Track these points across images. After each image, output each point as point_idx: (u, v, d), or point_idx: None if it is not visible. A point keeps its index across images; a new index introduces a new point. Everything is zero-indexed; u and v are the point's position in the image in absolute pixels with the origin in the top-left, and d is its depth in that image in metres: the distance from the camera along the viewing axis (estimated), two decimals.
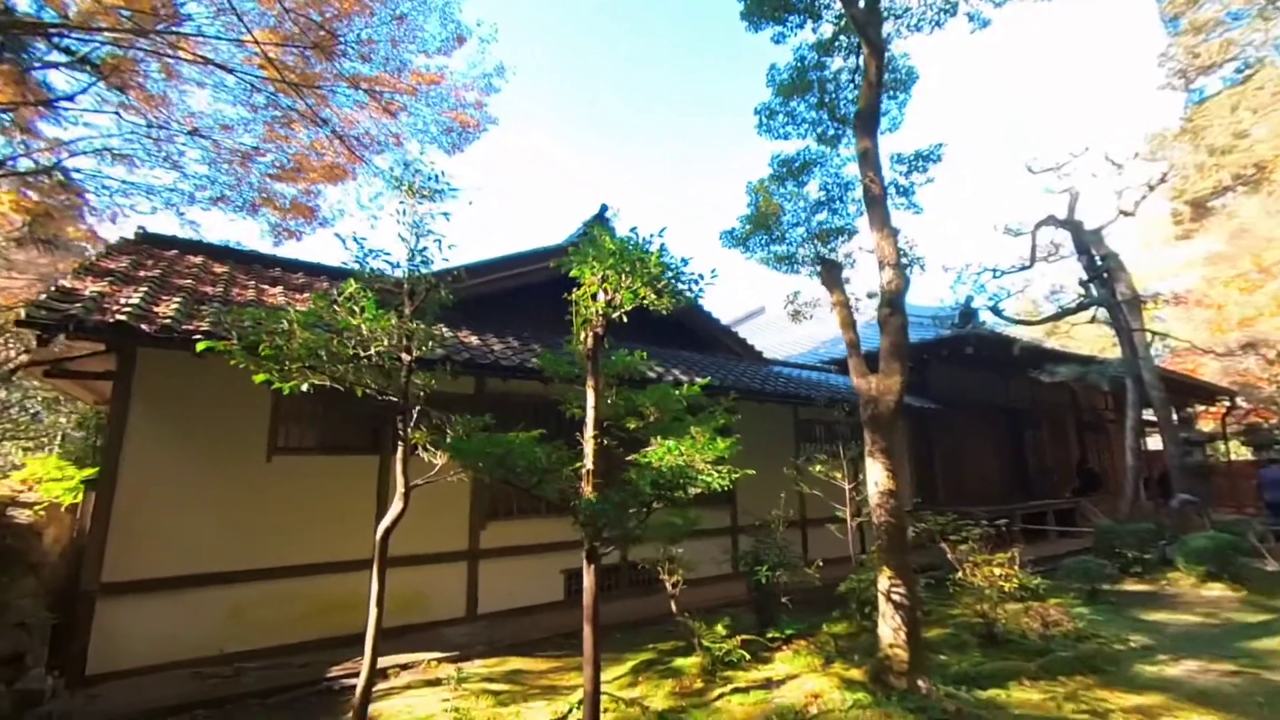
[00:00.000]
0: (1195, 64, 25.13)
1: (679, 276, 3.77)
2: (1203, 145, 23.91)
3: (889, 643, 4.39)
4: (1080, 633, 5.62)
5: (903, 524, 4.61)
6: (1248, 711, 4.02)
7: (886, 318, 4.96)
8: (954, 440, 12.52)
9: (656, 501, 3.19)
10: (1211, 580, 7.82)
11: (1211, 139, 23.43)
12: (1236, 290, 19.83)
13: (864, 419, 4.90)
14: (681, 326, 10.01)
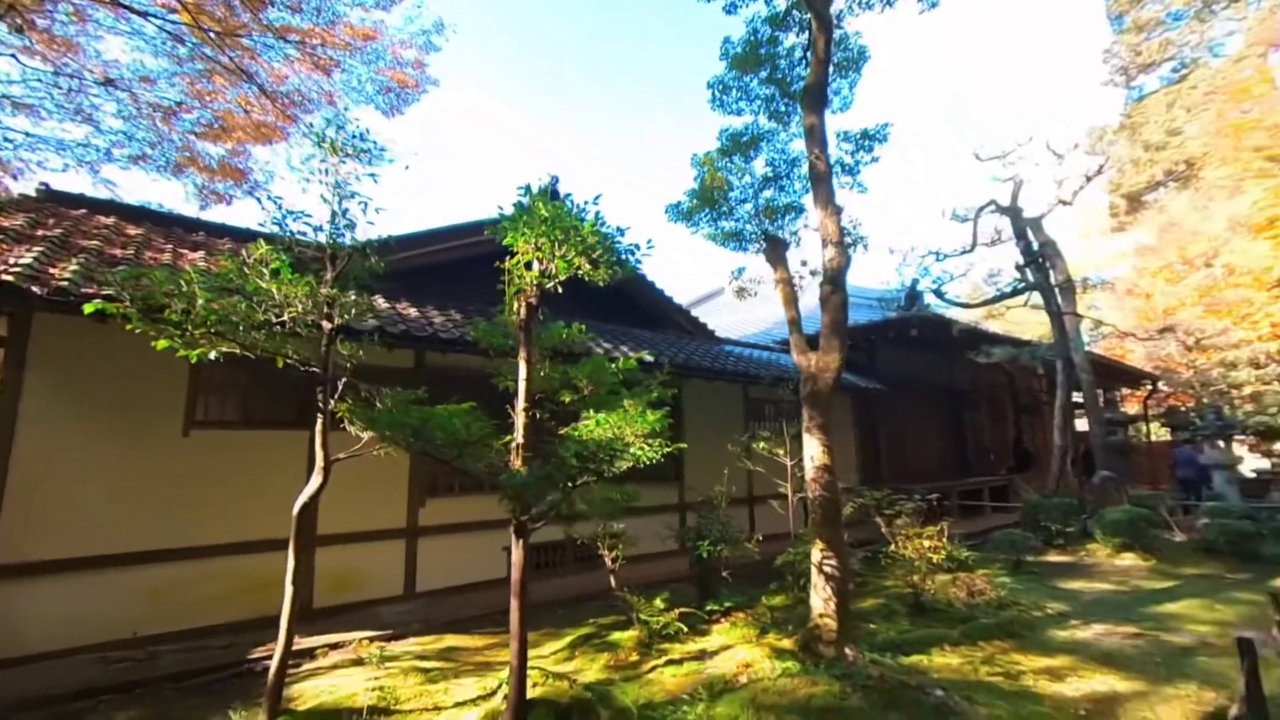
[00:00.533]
0: (1137, 61, 26.19)
1: (614, 246, 3.68)
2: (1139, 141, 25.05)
3: (819, 613, 4.50)
4: (1002, 601, 5.90)
5: (837, 499, 4.70)
6: (1145, 670, 4.29)
7: (828, 295, 4.99)
8: (898, 420, 12.92)
9: (584, 475, 3.13)
10: (1125, 551, 8.33)
11: (1148, 135, 24.56)
12: (1163, 281, 21.01)
13: (803, 396, 4.94)
14: (634, 303, 9.94)
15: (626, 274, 3.96)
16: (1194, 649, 4.72)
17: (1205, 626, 5.30)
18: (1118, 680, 4.11)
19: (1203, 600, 6.15)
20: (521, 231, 3.53)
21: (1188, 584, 6.96)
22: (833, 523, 4.62)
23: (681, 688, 3.95)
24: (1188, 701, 3.76)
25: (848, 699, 3.70)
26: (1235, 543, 7.81)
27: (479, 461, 3.06)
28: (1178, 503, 10.12)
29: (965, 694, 3.74)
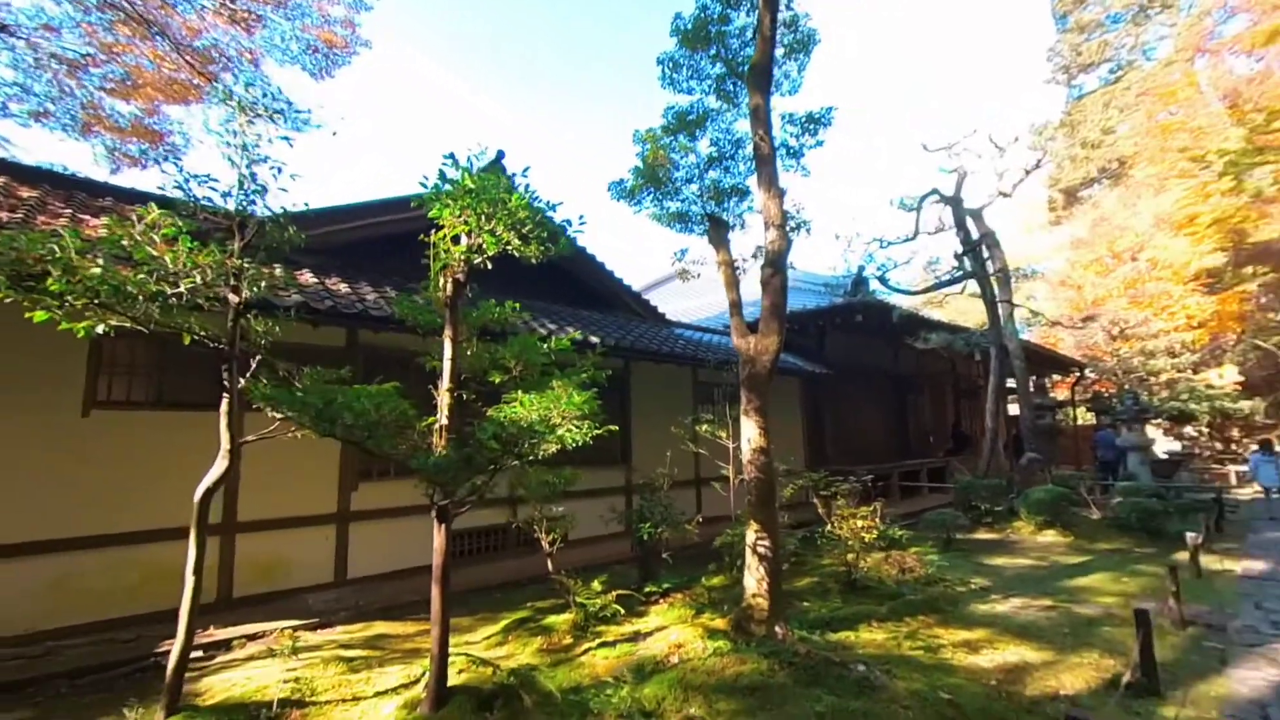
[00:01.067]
0: (1077, 61, 27.21)
1: (546, 221, 3.55)
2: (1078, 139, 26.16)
3: (752, 593, 4.55)
4: (930, 577, 6.14)
5: (772, 480, 4.74)
6: (1054, 641, 4.52)
7: (769, 278, 4.98)
8: (844, 404, 13.24)
9: (506, 458, 3.03)
10: (1047, 528, 8.80)
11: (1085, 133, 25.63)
12: (1094, 273, 22.13)
13: (741, 378, 4.94)
14: (583, 286, 9.79)
15: (561, 251, 3.84)
16: (1100, 620, 5.01)
17: (1111, 598, 5.64)
18: (1029, 651, 4.32)
19: (1111, 574, 6.55)
20: (447, 204, 3.37)
21: (1100, 559, 7.40)
22: (767, 504, 4.66)
23: (612, 670, 3.94)
24: (1089, 669, 3.97)
25: (774, 676, 3.75)
26: (1144, 520, 8.35)
27: (393, 444, 2.91)
28: (1096, 482, 10.76)
29: (886, 668, 3.85)
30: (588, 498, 7.86)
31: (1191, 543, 6.52)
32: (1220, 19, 19.28)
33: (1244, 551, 7.65)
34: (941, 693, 3.50)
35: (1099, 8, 26.86)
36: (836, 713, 3.35)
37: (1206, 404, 18.61)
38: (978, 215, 12.03)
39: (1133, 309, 19.64)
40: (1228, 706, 3.44)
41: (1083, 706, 3.47)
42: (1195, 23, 20.31)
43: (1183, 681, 3.79)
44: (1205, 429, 20.03)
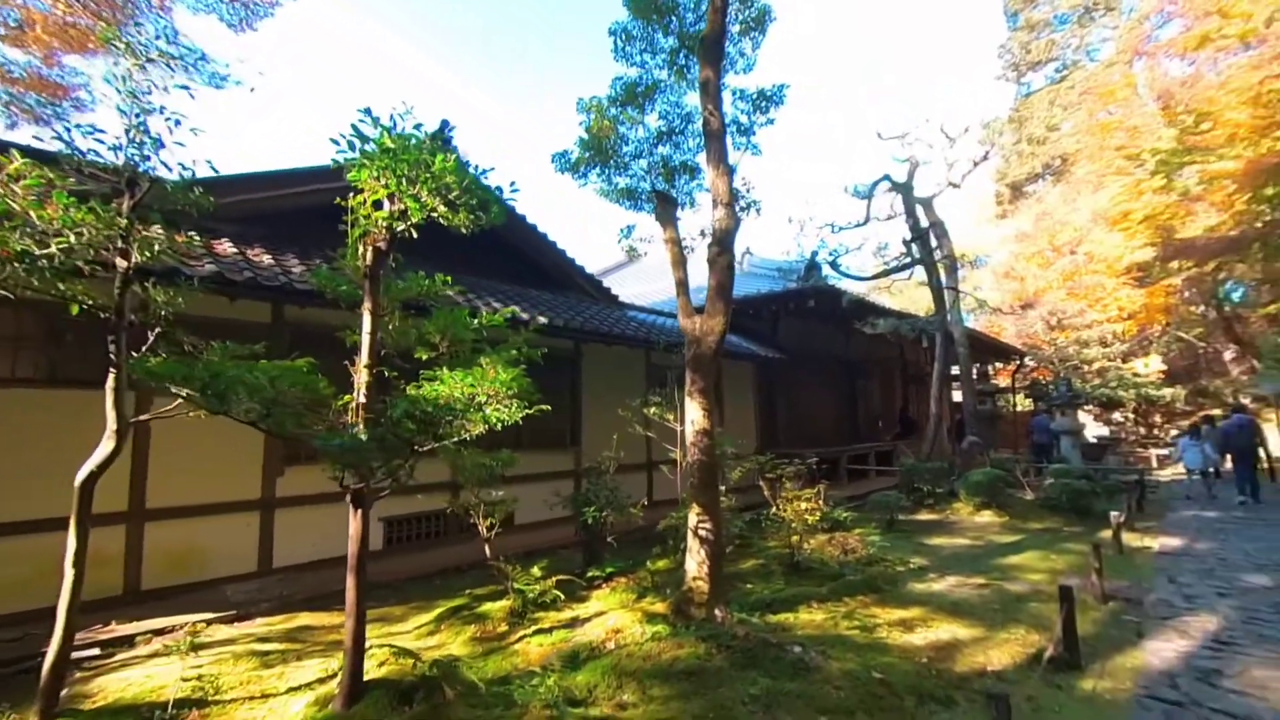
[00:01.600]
0: (1026, 59, 28.09)
1: (474, 188, 3.32)
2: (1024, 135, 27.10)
3: (693, 576, 4.49)
4: (871, 558, 6.23)
5: (715, 463, 4.68)
6: (985, 618, 4.63)
7: (715, 256, 4.87)
8: (796, 388, 13.40)
9: (423, 439, 2.83)
10: (984, 509, 9.11)
11: (1031, 130, 26.59)
12: (1036, 266, 23.01)
13: (687, 359, 4.84)
14: (535, 265, 9.51)
15: (494, 221, 3.61)
16: (1028, 596, 5.17)
17: (1040, 575, 5.84)
18: (961, 628, 4.40)
19: (1041, 552, 6.79)
20: (364, 164, 3.10)
21: (1031, 537, 7.69)
22: (710, 486, 4.60)
23: (545, 657, 3.81)
24: (1016, 645, 4.07)
25: (711, 660, 3.70)
26: (1073, 500, 8.73)
27: (299, 424, 2.67)
28: (1030, 465, 11.22)
29: (823, 649, 3.84)
30: (535, 481, 7.70)
31: (1115, 521, 6.83)
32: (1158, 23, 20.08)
33: (1161, 529, 8.09)
34: (874, 672, 3.51)
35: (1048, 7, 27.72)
36: (771, 695, 3.32)
37: (1133, 391, 19.71)
38: (928, 204, 12.26)
39: (1070, 300, 20.54)
40: (1141, 678, 3.56)
41: (1008, 681, 3.54)
42: (1135, 26, 21.14)
43: (1102, 654, 3.92)
44: (1131, 415, 21.24)
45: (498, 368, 3.05)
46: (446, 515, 7.01)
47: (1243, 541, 7.15)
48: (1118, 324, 20.31)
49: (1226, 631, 4.25)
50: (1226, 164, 14.42)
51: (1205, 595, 5.10)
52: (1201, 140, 15.02)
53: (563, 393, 8.51)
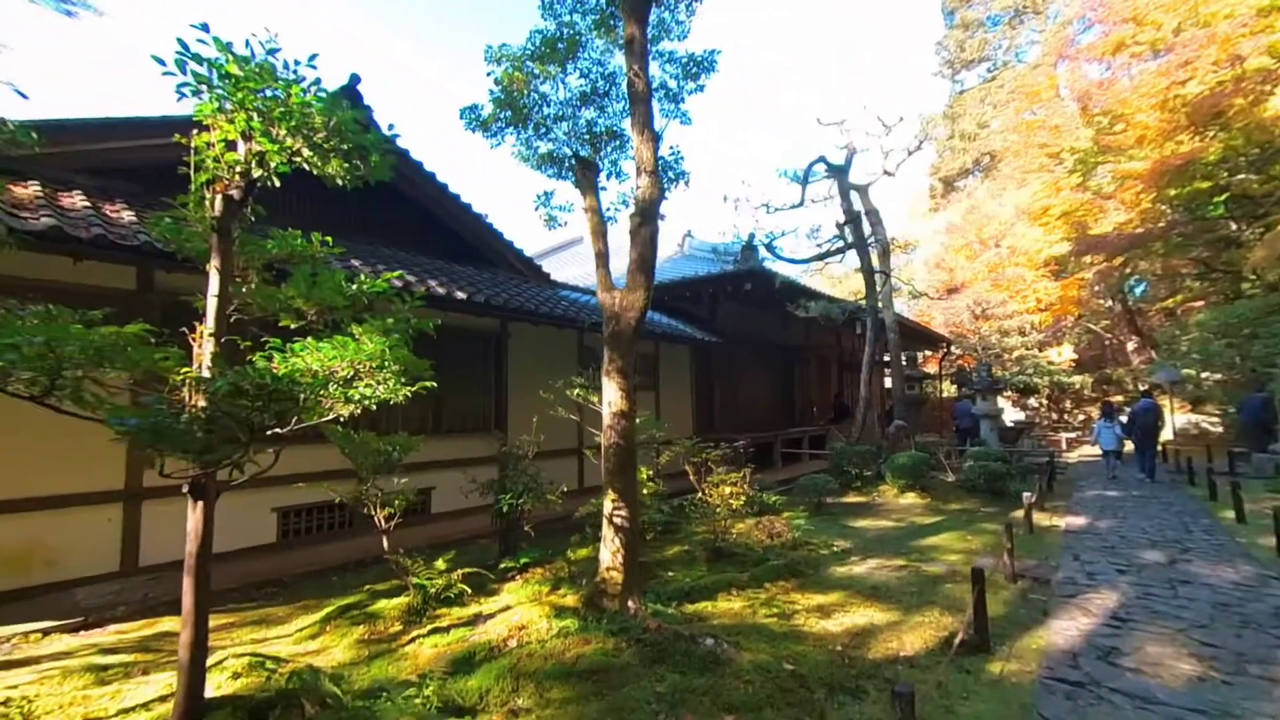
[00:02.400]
0: (961, 57, 29.07)
1: (347, 130, 2.87)
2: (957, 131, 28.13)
3: (606, 566, 4.23)
4: (796, 541, 6.18)
5: (631, 447, 4.42)
6: (902, 601, 4.60)
7: (637, 228, 4.57)
8: (734, 373, 13.38)
9: (266, 418, 2.40)
10: (908, 491, 9.31)
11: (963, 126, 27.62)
12: (964, 258, 23.99)
13: (605, 336, 4.54)
14: (460, 240, 8.96)
15: (378, 174, 3.17)
16: (944, 578, 5.20)
17: (956, 556, 5.93)
18: (877, 612, 4.35)
19: (959, 533, 6.95)
20: (200, 91, 2.60)
21: (951, 518, 7.89)
22: (625, 471, 4.33)
23: (435, 661, 3.47)
24: (930, 628, 4.03)
25: (619, 656, 3.46)
26: (990, 481, 9.03)
27: (87, 400, 2.18)
28: (952, 448, 11.62)
29: (736, 639, 3.67)
30: (455, 467, 7.27)
31: (1026, 502, 7.05)
32: (1080, 29, 21.02)
33: (1068, 509, 8.47)
34: (786, 663, 3.35)
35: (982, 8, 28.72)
36: (678, 692, 3.11)
37: (1047, 378, 20.91)
38: (864, 191, 12.38)
39: (994, 291, 21.51)
40: (1046, 658, 3.57)
41: (919, 667, 3.47)
42: (1059, 30, 22.11)
43: (1010, 635, 3.93)
44: (1045, 400, 22.57)
45: (369, 338, 2.64)
46: (350, 505, 6.50)
47: (1140, 520, 7.55)
48: (1035, 314, 21.45)
49: (1124, 608, 4.37)
50: (1136, 164, 15.28)
51: (1106, 572, 5.28)
52: (1115, 141, 15.85)
53: (487, 374, 8.07)
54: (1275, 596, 4.59)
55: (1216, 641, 3.72)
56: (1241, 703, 3.01)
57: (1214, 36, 14.09)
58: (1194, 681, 3.23)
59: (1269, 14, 13.77)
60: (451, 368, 7.65)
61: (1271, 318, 13.24)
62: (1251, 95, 13.71)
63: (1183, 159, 14.33)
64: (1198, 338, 15.03)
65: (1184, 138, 14.48)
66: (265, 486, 5.67)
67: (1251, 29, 13.79)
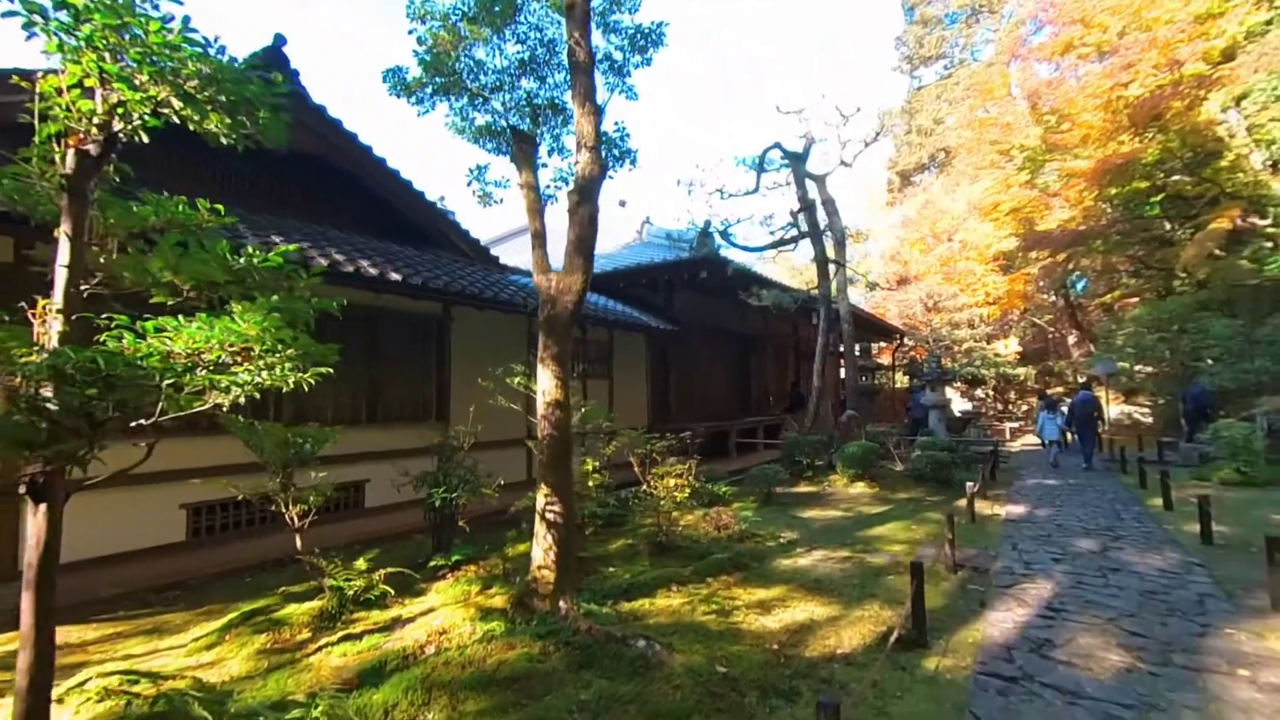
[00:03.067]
0: (920, 53, 29.50)
1: (223, 77, 2.51)
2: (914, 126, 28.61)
3: (538, 564, 4.01)
4: (743, 533, 6.07)
5: (566, 437, 4.19)
6: (843, 594, 4.53)
7: (575, 206, 4.30)
8: (691, 362, 13.27)
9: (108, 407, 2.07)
10: (858, 480, 9.38)
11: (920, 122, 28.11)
12: (918, 251, 24.49)
13: (540, 320, 4.28)
14: (401, 219, 8.51)
15: (269, 134, 2.81)
16: (887, 569, 5.17)
17: (900, 546, 5.93)
18: (818, 607, 4.25)
19: (904, 522, 6.98)
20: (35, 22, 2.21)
21: (898, 507, 7.94)
22: (560, 464, 4.11)
23: (340, 672, 3.18)
24: (869, 623, 3.95)
25: (545, 661, 3.25)
26: (936, 470, 9.17)
27: None
28: (901, 437, 11.80)
29: (670, 640, 3.51)
30: (393, 459, 6.86)
31: (969, 492, 7.14)
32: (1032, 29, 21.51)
33: (1009, 497, 8.66)
34: (719, 665, 3.20)
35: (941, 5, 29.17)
36: (603, 700, 2.92)
37: (993, 370, 21.59)
38: (821, 181, 12.36)
39: (946, 284, 22.02)
40: (981, 653, 3.52)
41: (856, 665, 3.37)
42: (1013, 29, 22.59)
43: (948, 629, 3.88)
44: (991, 391, 23.34)
45: (246, 318, 2.32)
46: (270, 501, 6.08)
47: (1076, 508, 7.76)
48: (984, 308, 22.08)
49: (1058, 597, 4.39)
50: (1080, 163, 15.75)
51: (1043, 561, 5.35)
52: (1061, 139, 16.30)
53: (428, 360, 7.68)
54: (1198, 583, 4.70)
55: (1144, 631, 3.75)
56: (1167, 694, 3.01)
57: (1155, 41, 14.58)
58: (1122, 673, 3.23)
59: (1205, 21, 14.32)
60: (389, 353, 7.26)
61: (1199, 314, 13.91)
62: (1188, 99, 14.27)
63: (1123, 159, 14.83)
64: (1132, 332, 15.70)
65: (1125, 138, 14.99)
66: (171, 481, 5.23)
67: (1189, 35, 14.32)
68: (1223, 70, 13.90)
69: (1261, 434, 10.16)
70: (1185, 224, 16.18)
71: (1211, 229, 14.96)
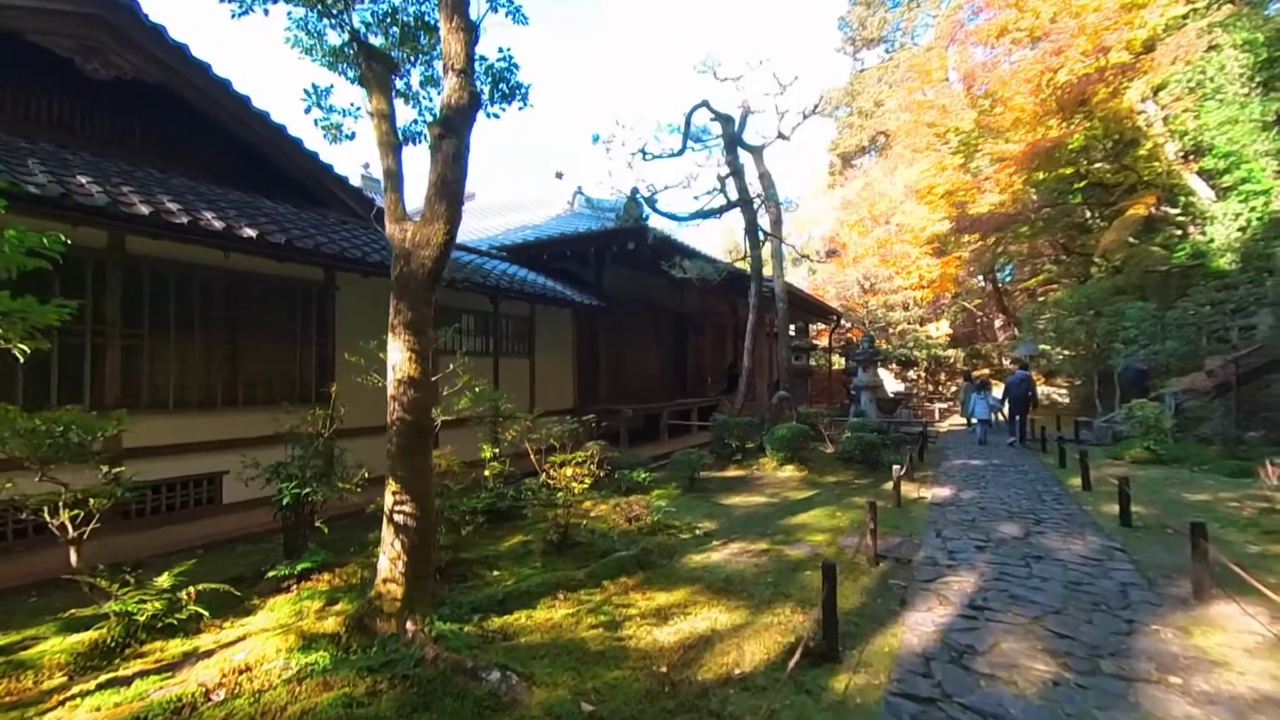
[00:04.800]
0: (862, 35, 29.47)
1: None
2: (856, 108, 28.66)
3: (384, 576, 3.29)
4: (656, 525, 5.52)
5: (424, 423, 3.45)
6: (754, 595, 4.03)
7: (439, 139, 3.53)
8: (622, 341, 12.64)
9: None
10: (788, 463, 9.03)
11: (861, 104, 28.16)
12: (857, 233, 24.62)
13: (393, 278, 3.50)
14: (283, 174, 7.40)
15: None
16: (805, 563, 4.73)
17: (823, 536, 5.52)
18: (724, 613, 3.73)
19: (830, 508, 6.61)
20: None
21: (825, 491, 7.61)
22: (413, 454, 3.38)
23: None
24: (777, 632, 3.45)
25: (368, 705, 2.56)
26: (865, 452, 8.94)
27: None
28: (833, 418, 11.60)
29: (537, 667, 2.89)
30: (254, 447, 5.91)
31: (896, 475, 6.85)
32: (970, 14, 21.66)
33: (935, 479, 8.51)
34: (585, 703, 2.60)
35: None
36: None
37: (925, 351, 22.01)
38: (758, 154, 11.86)
39: (882, 266, 22.21)
40: (897, 665, 3.07)
41: (754, 689, 2.85)
42: (952, 13, 22.70)
43: (863, 635, 3.43)
44: (923, 373, 23.89)
45: None
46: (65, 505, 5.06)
47: (999, 489, 7.64)
48: (918, 291, 22.43)
49: (982, 593, 4.04)
50: (1011, 146, 15.90)
51: (966, 550, 5.04)
52: (994, 122, 16.42)
53: (307, 335, 6.70)
54: (1120, 570, 4.48)
55: (1070, 632, 3.40)
56: (1096, 712, 2.62)
57: (1084, 27, 14.74)
58: (1049, 687, 2.83)
59: (1130, 10, 14.58)
60: (255, 325, 6.26)
61: (1116, 298, 14.36)
62: (1112, 86, 14.53)
63: (1051, 143, 15.04)
64: (1053, 316, 16.14)
65: (1054, 123, 15.17)
66: None
67: (1115, 23, 14.56)
68: (1144, 60, 14.22)
69: (1170, 413, 10.47)
70: (1105, 210, 16.69)
71: (1128, 216, 15.44)
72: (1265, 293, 12.03)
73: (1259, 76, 13.78)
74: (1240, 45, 13.85)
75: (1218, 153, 13.48)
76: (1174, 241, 14.79)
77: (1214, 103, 13.66)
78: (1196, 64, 13.83)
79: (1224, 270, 13.06)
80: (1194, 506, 6.43)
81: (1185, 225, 14.97)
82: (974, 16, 21.13)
